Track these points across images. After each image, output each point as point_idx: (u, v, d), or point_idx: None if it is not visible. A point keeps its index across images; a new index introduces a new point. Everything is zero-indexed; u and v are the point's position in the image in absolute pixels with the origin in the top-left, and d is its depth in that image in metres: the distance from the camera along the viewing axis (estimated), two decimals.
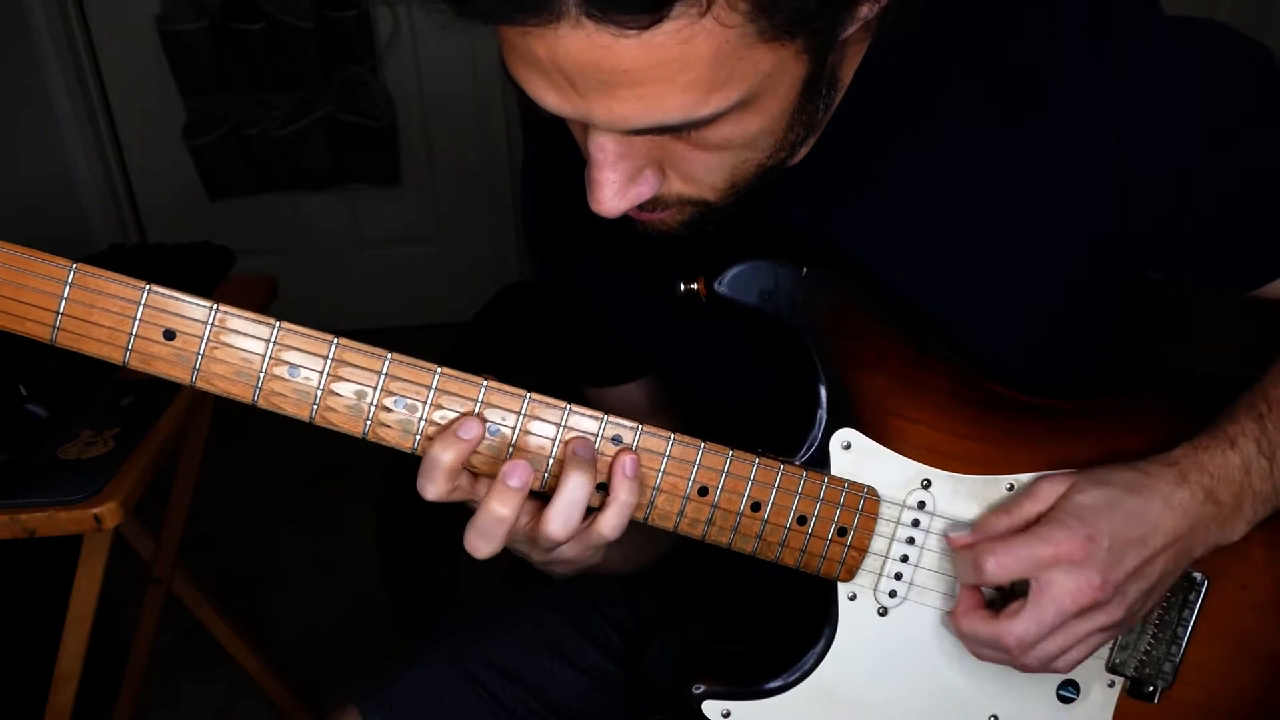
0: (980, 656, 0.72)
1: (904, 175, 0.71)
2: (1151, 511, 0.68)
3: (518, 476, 0.62)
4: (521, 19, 0.50)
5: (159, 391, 1.16)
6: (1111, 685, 0.77)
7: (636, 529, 0.69)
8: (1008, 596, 0.70)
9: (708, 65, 0.52)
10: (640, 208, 0.63)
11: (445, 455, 0.62)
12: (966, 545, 0.70)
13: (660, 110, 0.54)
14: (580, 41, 0.50)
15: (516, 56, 0.55)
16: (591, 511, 0.65)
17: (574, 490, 0.63)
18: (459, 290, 2.59)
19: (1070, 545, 0.66)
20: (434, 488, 0.62)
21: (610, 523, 0.65)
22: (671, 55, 0.51)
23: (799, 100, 0.59)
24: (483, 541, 0.64)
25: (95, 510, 1.00)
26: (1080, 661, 0.70)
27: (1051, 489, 0.70)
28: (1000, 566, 0.67)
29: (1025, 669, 0.70)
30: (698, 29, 0.50)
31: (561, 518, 0.63)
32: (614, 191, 0.60)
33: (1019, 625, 0.67)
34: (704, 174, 0.62)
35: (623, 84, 0.52)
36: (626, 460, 0.65)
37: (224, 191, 2.70)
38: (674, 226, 0.66)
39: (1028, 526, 0.69)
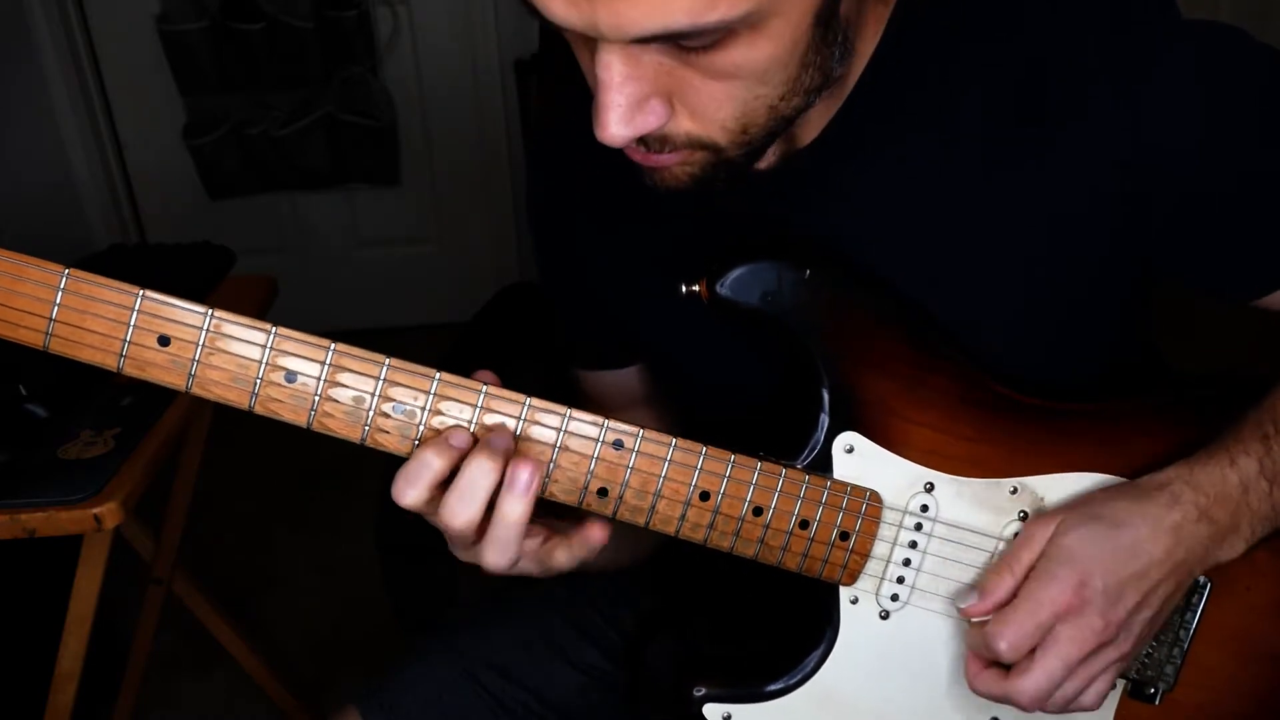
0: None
1: (911, 172, 0.71)
2: (1143, 541, 0.67)
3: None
4: None
5: (159, 392, 1.15)
6: (1113, 687, 0.77)
7: (618, 531, 0.68)
8: None
9: None
10: (648, 147, 0.62)
11: (437, 462, 0.61)
12: (980, 614, 0.69)
13: (666, 10, 0.52)
14: None
15: None
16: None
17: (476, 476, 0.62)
18: (458, 290, 2.59)
19: (1064, 597, 0.66)
20: (414, 492, 0.62)
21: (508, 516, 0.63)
22: None
23: (811, 35, 0.58)
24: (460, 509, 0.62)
25: (95, 510, 1.00)
26: (1105, 694, 0.70)
27: (1042, 532, 0.69)
28: (1013, 647, 0.67)
29: (1051, 713, 0.70)
30: None
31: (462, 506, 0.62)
32: (619, 116, 0.57)
33: (1029, 683, 0.67)
34: (714, 109, 0.60)
35: None
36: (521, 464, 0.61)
37: (224, 191, 2.70)
38: (683, 179, 0.64)
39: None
